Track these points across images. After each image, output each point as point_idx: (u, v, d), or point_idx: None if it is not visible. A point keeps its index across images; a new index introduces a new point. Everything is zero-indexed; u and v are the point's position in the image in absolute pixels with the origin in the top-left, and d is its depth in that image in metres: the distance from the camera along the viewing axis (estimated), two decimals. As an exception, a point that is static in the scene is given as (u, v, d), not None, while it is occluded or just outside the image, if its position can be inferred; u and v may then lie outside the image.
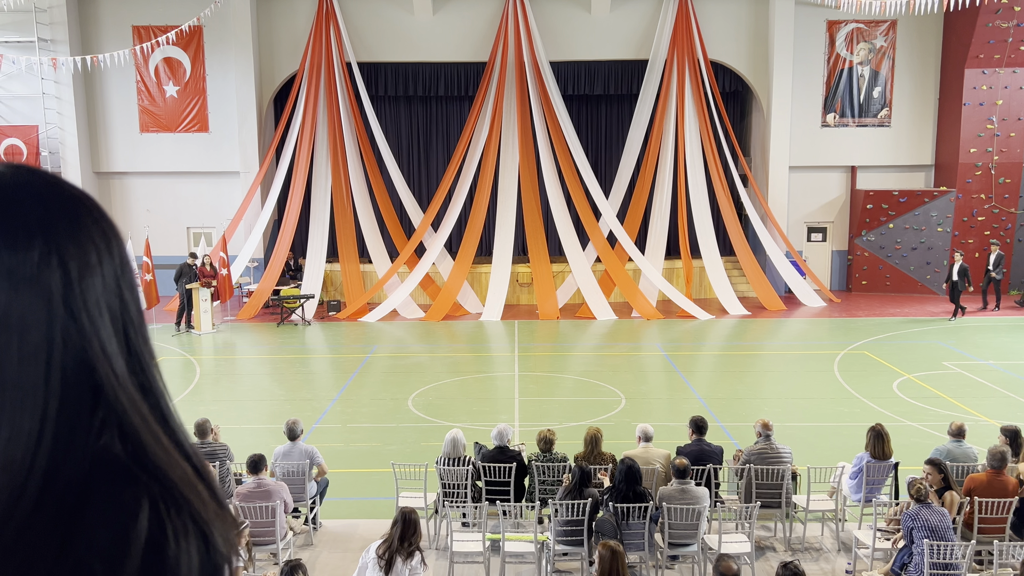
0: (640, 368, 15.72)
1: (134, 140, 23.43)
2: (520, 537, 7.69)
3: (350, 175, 22.50)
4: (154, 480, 0.79)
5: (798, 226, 24.25)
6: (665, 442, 9.35)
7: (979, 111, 22.17)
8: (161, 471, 0.80)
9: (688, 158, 22.23)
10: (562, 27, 22.63)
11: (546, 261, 21.65)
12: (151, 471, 0.80)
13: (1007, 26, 21.10)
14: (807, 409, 13.05)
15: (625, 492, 7.29)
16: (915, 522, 6.79)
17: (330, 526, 8.91)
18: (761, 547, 8.33)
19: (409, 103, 24.17)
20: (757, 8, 22.76)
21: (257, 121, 22.77)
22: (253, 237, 21.95)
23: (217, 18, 22.29)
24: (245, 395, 14.21)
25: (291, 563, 5.54)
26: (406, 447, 11.31)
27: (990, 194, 22.48)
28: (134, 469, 0.79)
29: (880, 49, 23.14)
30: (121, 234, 0.85)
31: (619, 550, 5.87)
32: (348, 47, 22.34)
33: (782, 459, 8.21)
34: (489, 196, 22.08)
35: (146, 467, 0.80)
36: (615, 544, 5.96)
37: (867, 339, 17.83)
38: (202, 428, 8.65)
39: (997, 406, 12.97)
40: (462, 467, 8.24)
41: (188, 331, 19.13)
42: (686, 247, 22.36)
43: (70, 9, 22.47)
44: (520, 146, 22.09)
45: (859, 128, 23.50)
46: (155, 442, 0.82)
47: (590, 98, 23.98)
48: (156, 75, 23.12)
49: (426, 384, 14.70)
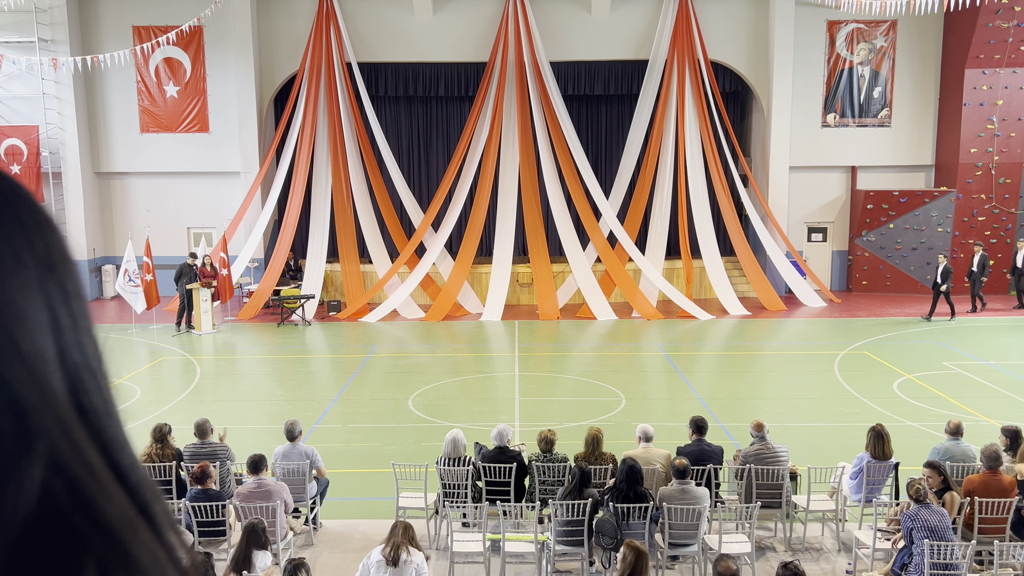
0: (640, 368, 15.72)
1: (134, 140, 23.44)
2: (520, 537, 7.69)
3: (350, 175, 22.50)
4: (95, 529, 0.63)
5: (798, 226, 24.25)
6: (665, 442, 9.35)
7: (979, 111, 22.17)
8: (100, 514, 0.64)
9: (688, 158, 22.23)
10: (562, 27, 22.63)
11: (546, 261, 21.65)
12: (92, 517, 0.64)
13: (1007, 26, 21.10)
14: (807, 409, 13.05)
15: (626, 492, 7.29)
16: (915, 522, 6.79)
17: (330, 526, 8.91)
18: (761, 547, 8.33)
19: (409, 103, 24.17)
20: (757, 8, 22.77)
21: (257, 121, 22.77)
22: (253, 237, 21.96)
23: (217, 18, 22.30)
24: (245, 395, 14.21)
25: (294, 562, 5.53)
26: (406, 447, 11.31)
27: (990, 194, 22.48)
28: (76, 519, 0.63)
29: (880, 49, 23.14)
30: (54, 226, 0.70)
31: (644, 550, 5.77)
32: (348, 47, 22.34)
33: (779, 458, 8.21)
34: (489, 196, 22.08)
35: (87, 512, 0.64)
36: (640, 544, 5.86)
37: (867, 339, 17.84)
38: (202, 428, 8.65)
39: (997, 406, 12.98)
40: (462, 467, 8.24)
41: (188, 331, 19.13)
42: (686, 247, 22.36)
43: (70, 9, 22.48)
44: (520, 146, 22.09)
45: (859, 128, 23.50)
46: (89, 475, 0.65)
47: (590, 98, 23.98)
48: (156, 75, 23.13)
49: (426, 384, 14.70)
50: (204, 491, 7.53)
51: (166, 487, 8.46)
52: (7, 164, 22.98)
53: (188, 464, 8.43)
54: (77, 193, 23.07)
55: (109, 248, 24.24)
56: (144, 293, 18.91)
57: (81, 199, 23.08)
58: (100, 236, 24.04)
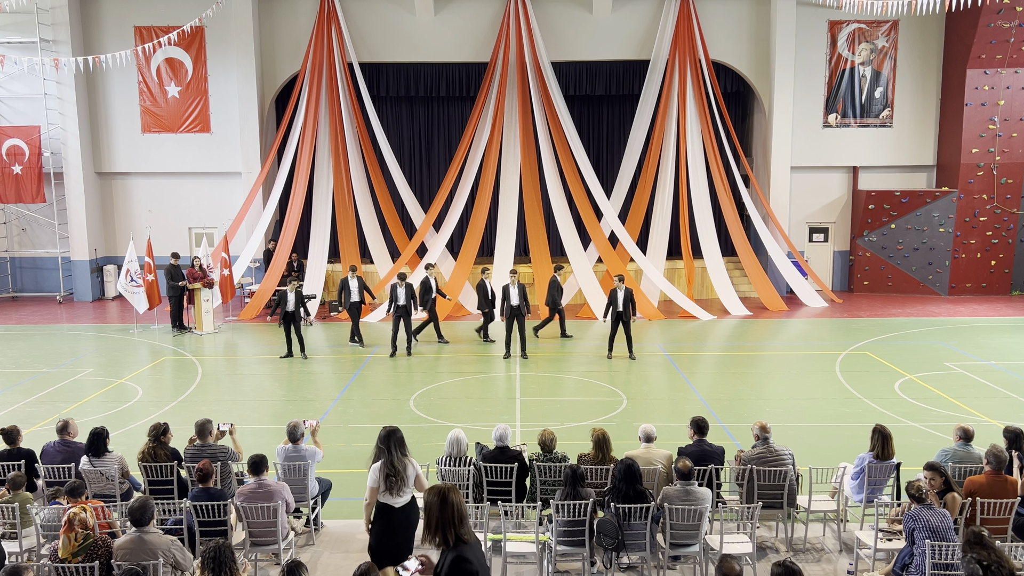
0: (641, 368, 15.72)
1: (136, 140, 23.46)
2: (521, 538, 7.68)
3: (352, 175, 22.51)
4: None
5: (800, 226, 24.25)
6: (667, 442, 9.35)
7: (981, 111, 22.15)
8: None
9: (690, 158, 22.22)
10: (564, 27, 22.63)
11: (548, 261, 21.64)
12: None
13: (1009, 26, 21.09)
14: (809, 409, 13.04)
15: (625, 491, 7.28)
16: (916, 523, 6.79)
17: (331, 527, 8.91)
18: (763, 548, 8.32)
19: (411, 103, 24.17)
20: (759, 8, 22.76)
21: (259, 121, 22.79)
22: (255, 237, 21.96)
23: (219, 18, 22.32)
24: (246, 395, 14.21)
25: (290, 564, 5.54)
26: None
27: (992, 194, 22.46)
28: None
29: (882, 49, 23.13)
30: None
31: None
32: (350, 47, 22.35)
33: (782, 461, 8.20)
34: (491, 196, 22.09)
35: None
36: None
37: (869, 339, 17.82)
38: (202, 429, 8.65)
39: (999, 407, 12.97)
40: (464, 467, 8.24)
41: (182, 331, 19.15)
42: (688, 247, 22.36)
43: (72, 10, 22.50)
44: (522, 146, 22.09)
45: (861, 128, 23.49)
46: None
47: (592, 98, 23.98)
48: (158, 75, 23.15)
49: (427, 384, 14.70)
50: (206, 490, 7.53)
51: (166, 487, 8.47)
52: (9, 164, 23.01)
53: (189, 464, 8.43)
54: (79, 193, 23.09)
55: (111, 248, 24.26)
56: (146, 293, 18.93)
57: (83, 199, 23.10)
58: (102, 236, 24.05)
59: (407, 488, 6.63)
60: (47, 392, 14.35)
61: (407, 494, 6.64)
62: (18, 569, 5.62)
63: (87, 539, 6.39)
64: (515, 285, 16.67)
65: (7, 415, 12.94)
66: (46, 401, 13.81)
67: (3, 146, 22.95)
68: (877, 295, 23.44)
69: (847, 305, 22.01)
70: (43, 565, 6.43)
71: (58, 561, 6.31)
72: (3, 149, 22.95)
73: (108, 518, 7.28)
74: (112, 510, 7.73)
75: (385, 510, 6.58)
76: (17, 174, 22.97)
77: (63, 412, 13.05)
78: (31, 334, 19.29)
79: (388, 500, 6.57)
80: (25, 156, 22.91)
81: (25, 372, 15.75)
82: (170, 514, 7.79)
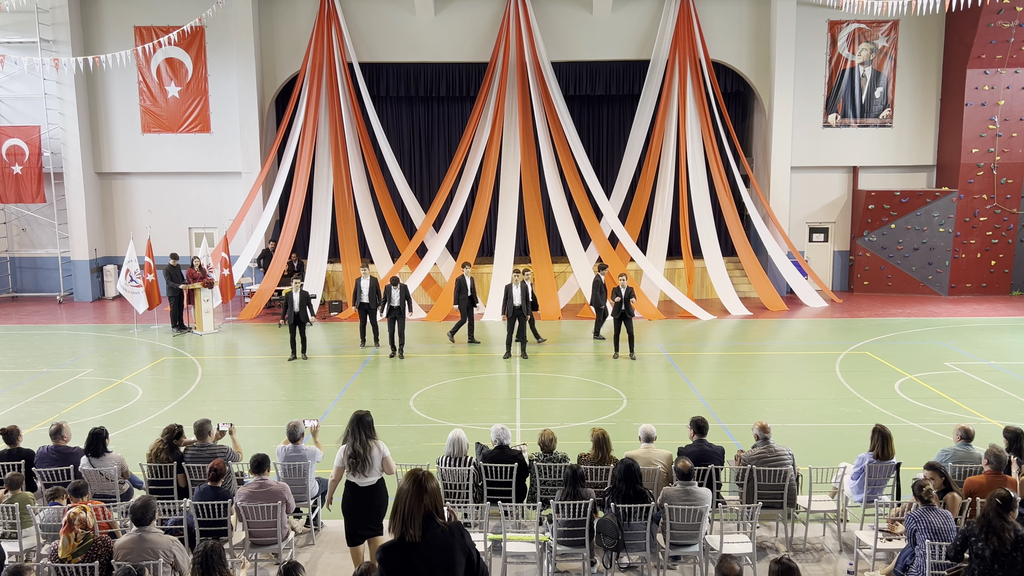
0: (641, 368, 15.72)
1: (136, 140, 23.46)
2: (522, 538, 7.68)
3: (352, 175, 22.51)
4: None
5: (800, 226, 24.25)
6: (667, 442, 9.35)
7: (981, 111, 22.16)
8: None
9: (690, 158, 22.22)
10: (564, 27, 22.64)
11: (548, 261, 21.64)
12: None
13: (1009, 26, 21.09)
14: (809, 409, 13.04)
15: (625, 491, 7.28)
16: (919, 524, 6.79)
17: (331, 527, 8.91)
18: (763, 548, 8.32)
19: (411, 103, 24.18)
20: (759, 8, 22.76)
21: (259, 121, 22.79)
22: (255, 237, 21.96)
23: (219, 18, 22.32)
24: (246, 395, 14.21)
25: (287, 566, 5.56)
26: (407, 447, 11.32)
27: (992, 194, 22.46)
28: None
29: (882, 49, 23.13)
30: None
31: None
32: (350, 47, 22.35)
33: (782, 461, 8.20)
34: (491, 196, 22.09)
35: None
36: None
37: (869, 339, 17.83)
38: (201, 429, 8.63)
39: (999, 407, 12.97)
40: (464, 467, 8.24)
41: (182, 331, 19.15)
42: (688, 247, 22.36)
43: (72, 10, 22.50)
44: (522, 146, 22.09)
45: (861, 128, 23.50)
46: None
47: (592, 98, 23.98)
48: (158, 75, 23.15)
49: (428, 384, 14.71)
50: (214, 488, 7.56)
51: (166, 487, 8.46)
52: (9, 164, 23.01)
53: (189, 464, 8.42)
54: (79, 193, 23.09)
55: (111, 248, 24.27)
56: (146, 293, 18.93)
57: (83, 199, 23.10)
58: (102, 236, 24.06)
59: (373, 469, 7.11)
60: (47, 392, 14.36)
61: (373, 475, 7.13)
62: (20, 569, 5.62)
63: (87, 539, 6.39)
64: (517, 285, 16.67)
65: (7, 415, 12.94)
66: (46, 401, 13.81)
67: (3, 146, 22.96)
68: (877, 295, 23.45)
69: (847, 305, 22.01)
70: (43, 565, 6.42)
71: (58, 561, 6.31)
72: (3, 149, 22.95)
73: (108, 518, 7.28)
74: (112, 510, 7.73)
75: (350, 487, 7.15)
76: (17, 174, 22.98)
77: (63, 412, 13.06)
78: (31, 334, 19.29)
79: (353, 479, 7.11)
80: (25, 156, 22.92)
81: (25, 372, 15.75)
82: (170, 514, 7.79)
